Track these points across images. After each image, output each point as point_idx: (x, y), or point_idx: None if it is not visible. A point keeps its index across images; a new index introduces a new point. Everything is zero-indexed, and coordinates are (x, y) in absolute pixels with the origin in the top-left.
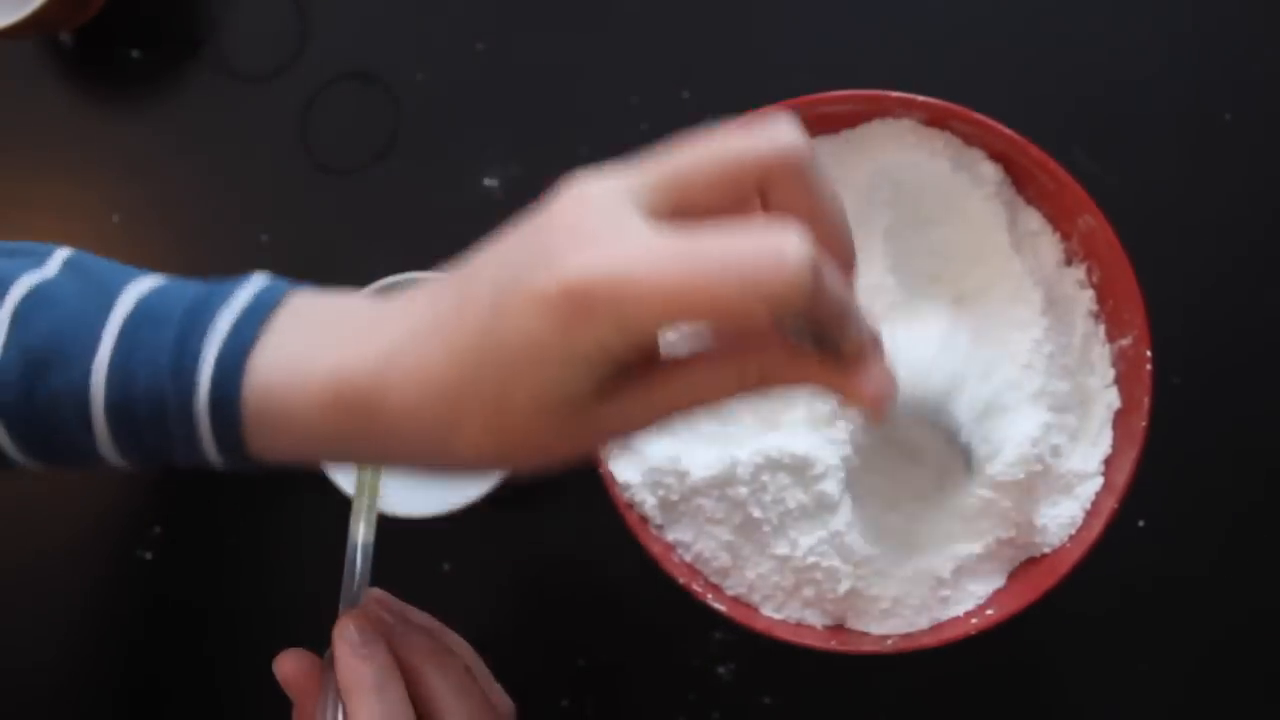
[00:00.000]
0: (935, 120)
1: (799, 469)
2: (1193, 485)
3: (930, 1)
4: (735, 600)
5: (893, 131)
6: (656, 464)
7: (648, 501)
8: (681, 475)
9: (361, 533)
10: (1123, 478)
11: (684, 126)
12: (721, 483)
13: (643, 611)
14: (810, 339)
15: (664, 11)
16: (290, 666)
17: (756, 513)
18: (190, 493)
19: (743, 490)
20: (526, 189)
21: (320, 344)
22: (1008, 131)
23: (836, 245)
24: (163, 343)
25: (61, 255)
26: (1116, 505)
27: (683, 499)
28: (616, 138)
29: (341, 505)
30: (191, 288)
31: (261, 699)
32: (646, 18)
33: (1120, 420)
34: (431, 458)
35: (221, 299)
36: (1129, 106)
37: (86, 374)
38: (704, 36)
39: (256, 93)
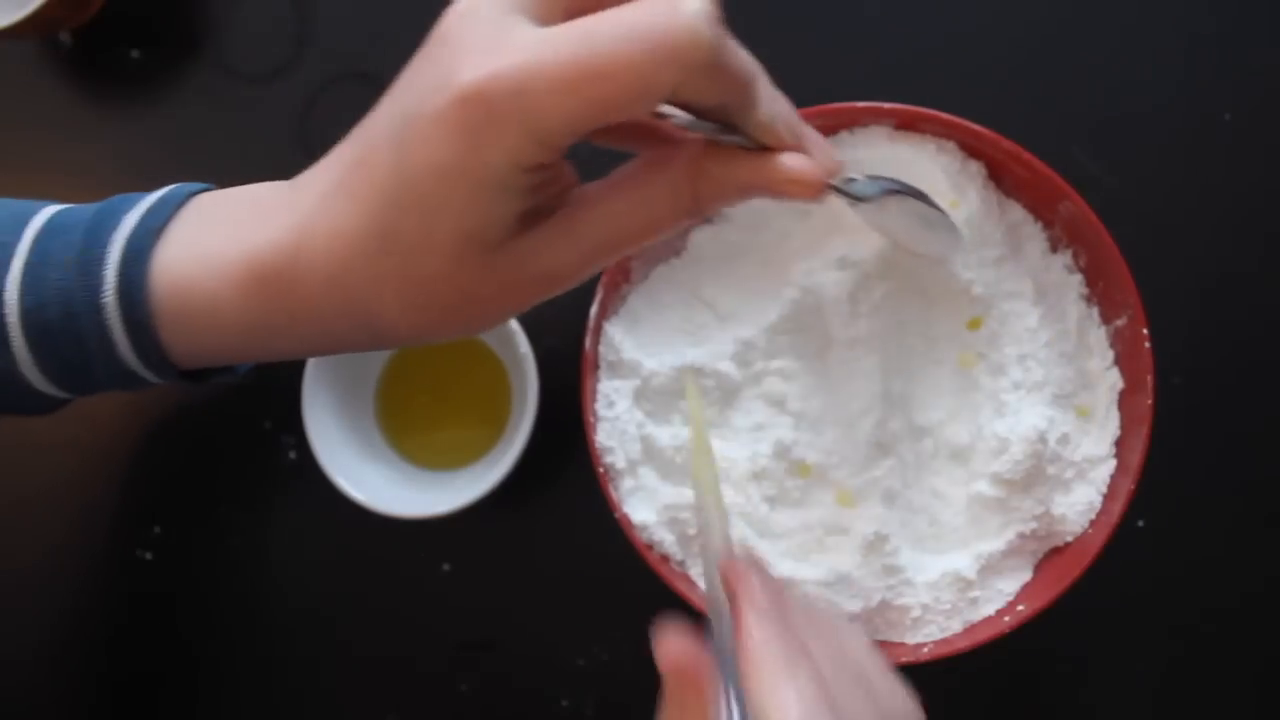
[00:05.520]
0: (907, 125)
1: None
2: (1193, 486)
3: (930, 4)
4: None
5: (870, 138)
6: (671, 500)
7: (666, 540)
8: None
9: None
10: (1135, 458)
11: None
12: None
13: (642, 611)
14: (720, 128)
15: None
16: (679, 650)
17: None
18: (190, 493)
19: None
20: None
21: (231, 232)
22: (979, 128)
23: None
24: (70, 245)
25: None
26: (1133, 486)
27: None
28: None
29: (342, 506)
30: (101, 203)
31: (261, 698)
32: None
33: (1125, 400)
34: (356, 330)
35: (128, 204)
36: (1128, 107)
37: (0, 288)
38: None
39: (256, 93)
